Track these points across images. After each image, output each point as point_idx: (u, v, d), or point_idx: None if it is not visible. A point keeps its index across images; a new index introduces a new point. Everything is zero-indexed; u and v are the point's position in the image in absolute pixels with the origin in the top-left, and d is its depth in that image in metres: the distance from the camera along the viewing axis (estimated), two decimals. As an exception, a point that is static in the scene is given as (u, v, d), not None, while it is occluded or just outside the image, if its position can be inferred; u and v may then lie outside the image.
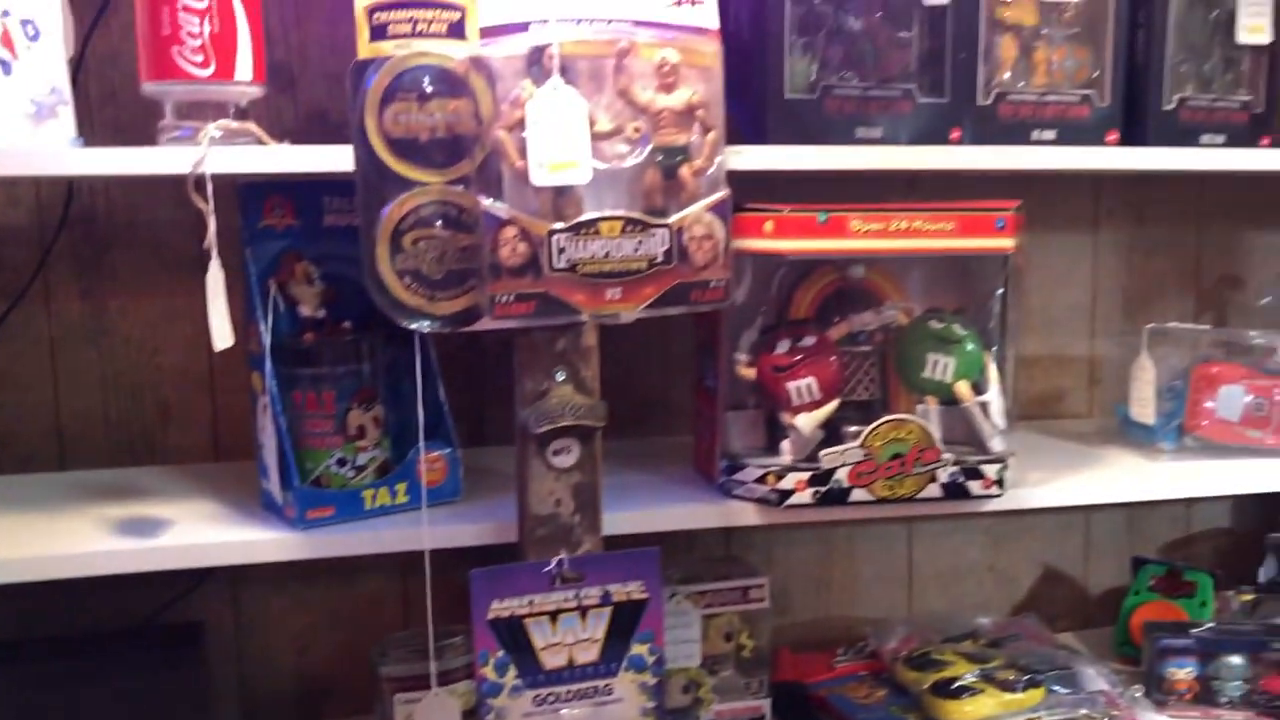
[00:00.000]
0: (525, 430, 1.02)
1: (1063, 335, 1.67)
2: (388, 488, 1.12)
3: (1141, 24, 1.32)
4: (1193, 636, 1.37)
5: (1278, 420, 1.36)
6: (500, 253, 0.95)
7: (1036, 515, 1.70)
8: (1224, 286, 1.72)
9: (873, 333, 1.27)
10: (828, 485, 1.16)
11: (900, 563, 1.66)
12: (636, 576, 1.06)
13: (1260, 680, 1.35)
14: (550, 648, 1.04)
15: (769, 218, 1.12)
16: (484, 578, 1.02)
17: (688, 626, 1.33)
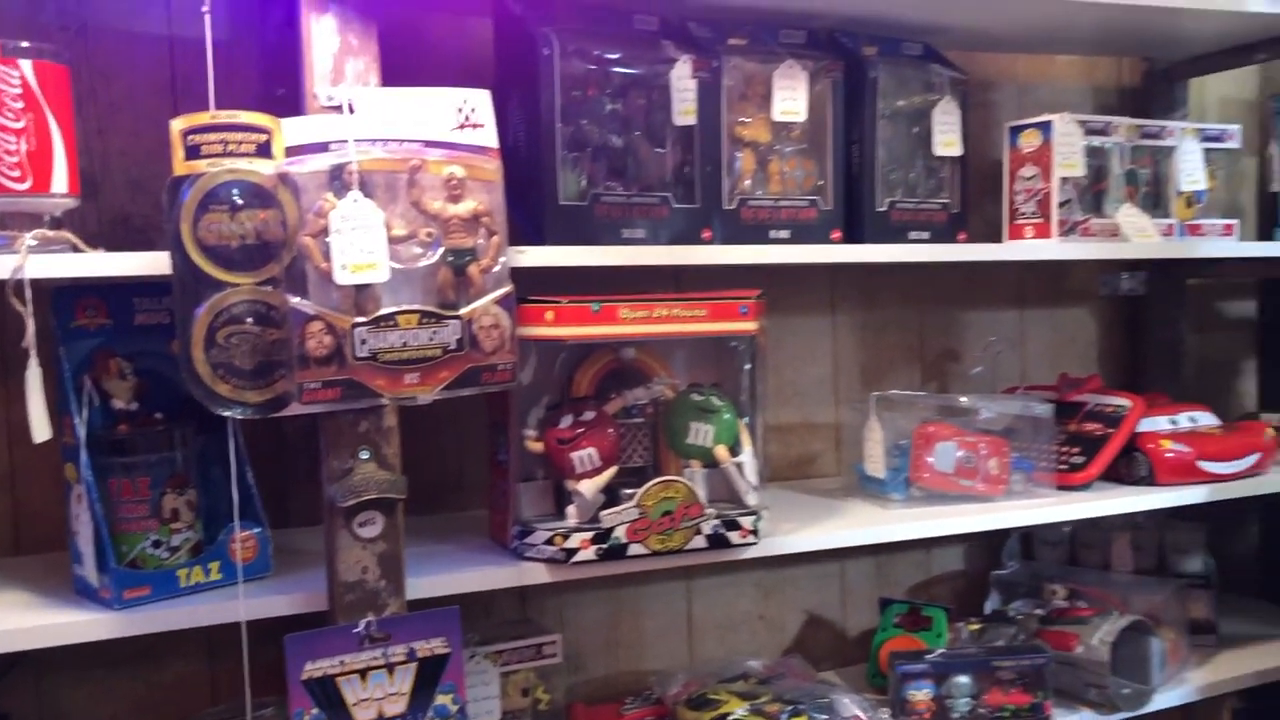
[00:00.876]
0: (333, 505, 1.13)
1: (811, 405, 1.90)
2: (201, 566, 1.19)
3: (855, 140, 1.57)
4: (927, 662, 1.58)
5: (984, 470, 1.61)
6: (307, 345, 1.06)
7: (799, 567, 1.90)
8: (944, 359, 2.00)
9: (644, 406, 1.44)
10: (608, 542, 1.31)
11: (681, 617, 1.82)
12: (439, 633, 1.17)
13: (984, 695, 1.57)
14: (361, 703, 1.14)
15: (550, 308, 1.28)
16: (298, 641, 1.11)
17: (487, 684, 1.44)
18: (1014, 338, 2.04)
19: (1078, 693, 1.64)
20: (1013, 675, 1.57)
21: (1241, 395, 2.28)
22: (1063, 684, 1.64)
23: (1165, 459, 1.69)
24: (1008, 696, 1.57)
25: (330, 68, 1.14)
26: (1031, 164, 1.68)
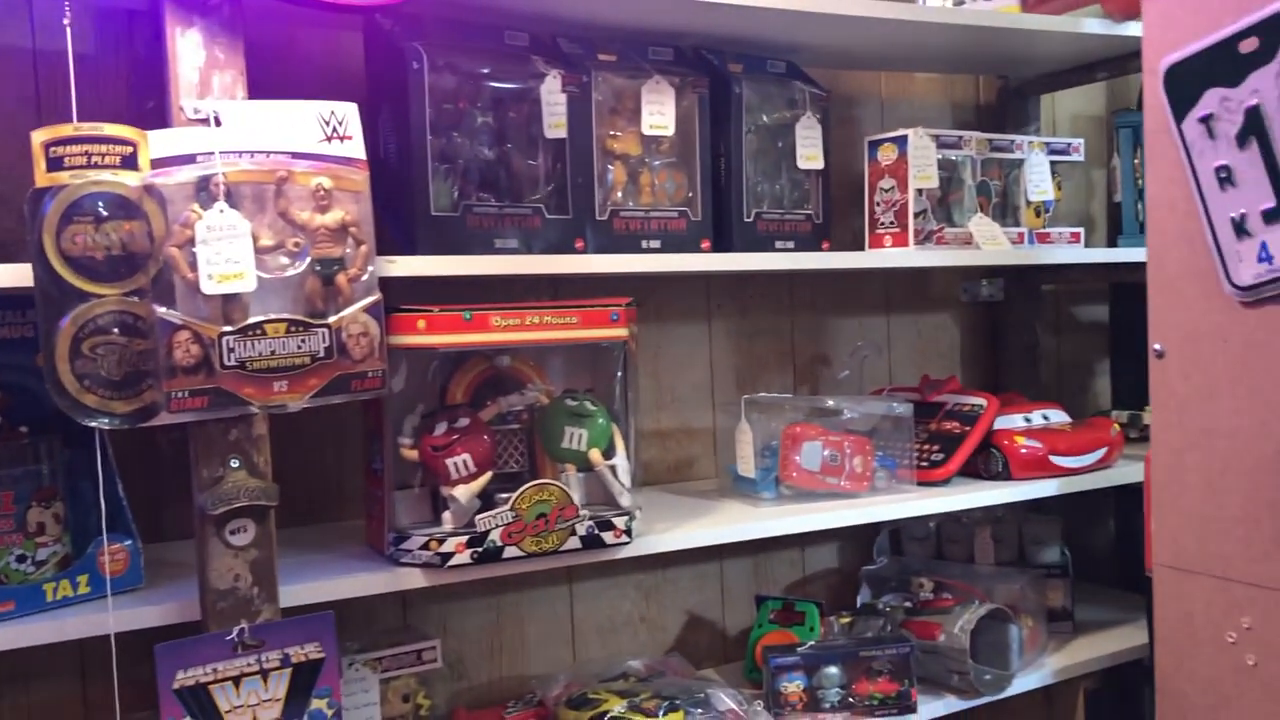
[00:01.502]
0: (203, 513, 1.14)
1: (689, 410, 1.95)
2: (69, 580, 1.19)
3: (722, 153, 1.64)
4: (798, 654, 1.64)
5: (849, 468, 1.68)
6: (175, 354, 1.07)
7: (679, 567, 1.95)
8: (815, 363, 2.07)
9: (519, 413, 1.47)
10: (484, 545, 1.34)
11: (563, 621, 1.85)
12: (313, 638, 1.19)
13: (854, 685, 1.64)
14: (235, 710, 1.15)
15: (422, 317, 1.30)
16: (168, 650, 1.11)
17: (367, 691, 1.46)
18: (881, 342, 2.13)
19: (942, 679, 1.72)
20: (880, 665, 1.64)
21: (1095, 394, 2.41)
22: (928, 671, 1.72)
23: (1019, 454, 1.79)
24: (875, 685, 1.64)
25: (196, 81, 1.15)
26: (889, 176, 1.76)
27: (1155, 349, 1.32)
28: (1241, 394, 1.21)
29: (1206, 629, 1.22)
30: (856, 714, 1.64)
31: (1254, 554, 1.18)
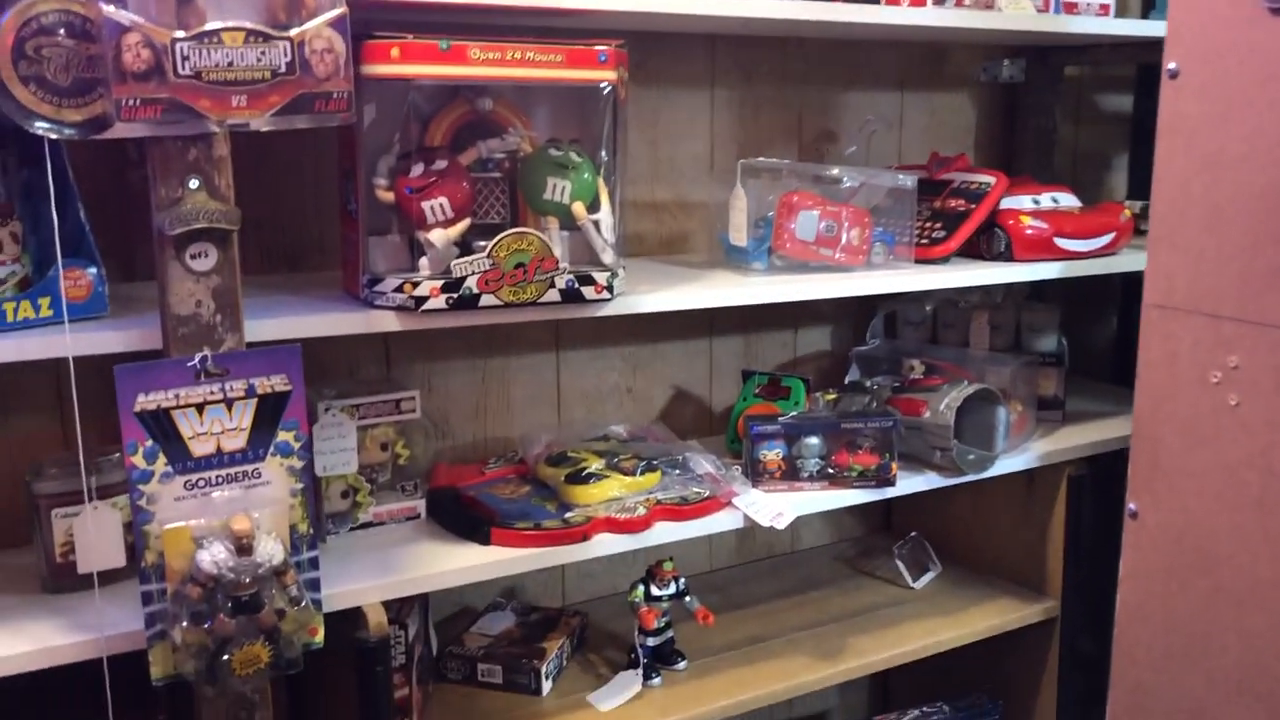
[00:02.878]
0: (161, 234, 1.09)
1: (686, 183, 1.89)
2: (30, 301, 1.16)
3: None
4: (779, 423, 1.63)
5: (845, 240, 1.63)
6: (124, 58, 1.01)
7: (668, 342, 1.93)
8: (821, 139, 1.99)
9: (501, 160, 1.41)
10: (460, 292, 1.30)
11: (549, 388, 1.84)
12: (279, 370, 1.17)
13: (833, 456, 1.63)
14: (198, 437, 1.14)
15: (395, 44, 1.23)
16: (128, 373, 1.09)
17: (343, 437, 1.45)
18: (892, 120, 2.04)
19: (924, 456, 1.72)
20: (861, 438, 1.63)
21: (1111, 188, 2.33)
22: (910, 448, 1.72)
23: (1024, 235, 1.73)
24: (856, 458, 1.63)
25: None
26: (910, -72, 1.64)
27: (1169, 69, 1.23)
28: (1257, 115, 1.13)
29: (1191, 370, 1.18)
30: (835, 484, 1.64)
31: (1249, 289, 1.13)
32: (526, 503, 1.53)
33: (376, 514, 1.49)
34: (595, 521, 1.47)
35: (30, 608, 1.25)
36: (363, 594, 1.32)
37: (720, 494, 1.57)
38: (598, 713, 1.55)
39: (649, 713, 1.55)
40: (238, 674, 1.14)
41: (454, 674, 1.63)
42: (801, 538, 2.15)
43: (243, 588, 1.12)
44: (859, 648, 1.73)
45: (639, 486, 1.54)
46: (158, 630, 1.14)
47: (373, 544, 1.45)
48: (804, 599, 1.91)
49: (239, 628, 1.13)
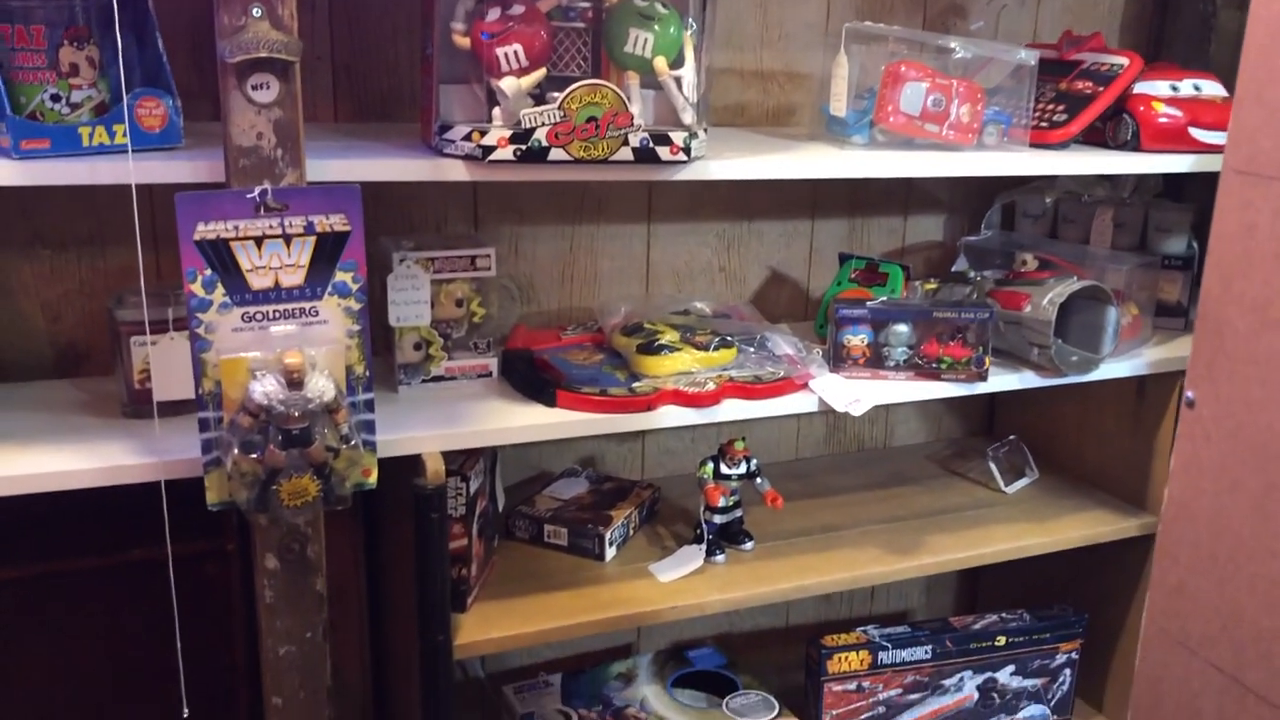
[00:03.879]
0: (223, 62, 1.09)
1: (796, 51, 1.80)
2: (104, 127, 1.17)
3: None
4: (867, 308, 1.56)
5: (955, 117, 1.52)
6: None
7: (768, 222, 1.86)
8: (949, 13, 1.86)
9: (584, 10, 1.36)
10: (528, 144, 1.27)
11: (638, 261, 1.80)
12: (339, 210, 1.16)
13: (922, 345, 1.56)
14: (256, 270, 1.14)
15: (471, -121, 1.18)
16: (189, 200, 1.10)
17: (417, 289, 1.45)
18: (1027, -4, 1.89)
19: (1022, 353, 1.62)
20: (953, 328, 1.55)
21: (1274, 84, 2.12)
22: (1009, 344, 1.63)
23: (1154, 123, 1.59)
24: (946, 349, 1.56)
25: None
26: None
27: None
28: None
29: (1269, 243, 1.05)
30: (921, 375, 1.56)
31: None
32: (597, 369, 1.51)
33: (449, 369, 1.50)
34: (662, 393, 1.44)
35: (107, 430, 1.30)
36: (423, 442, 1.33)
37: (797, 376, 1.52)
38: (657, 583, 1.54)
39: (709, 588, 1.54)
40: (286, 504, 1.17)
41: (521, 533, 1.65)
42: (895, 434, 2.08)
43: (293, 421, 1.14)
44: (936, 545, 1.67)
45: (712, 362, 1.50)
46: (213, 457, 1.17)
47: (441, 397, 1.46)
48: (887, 494, 1.86)
49: (289, 460, 1.15)
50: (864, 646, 1.71)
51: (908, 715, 1.76)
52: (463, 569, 1.45)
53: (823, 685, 1.70)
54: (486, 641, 1.42)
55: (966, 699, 1.78)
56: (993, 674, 1.78)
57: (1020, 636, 1.77)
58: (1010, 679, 1.79)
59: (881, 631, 1.74)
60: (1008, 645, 1.77)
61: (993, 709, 1.80)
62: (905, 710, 1.75)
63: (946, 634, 1.75)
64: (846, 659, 1.70)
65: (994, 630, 1.76)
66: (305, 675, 1.28)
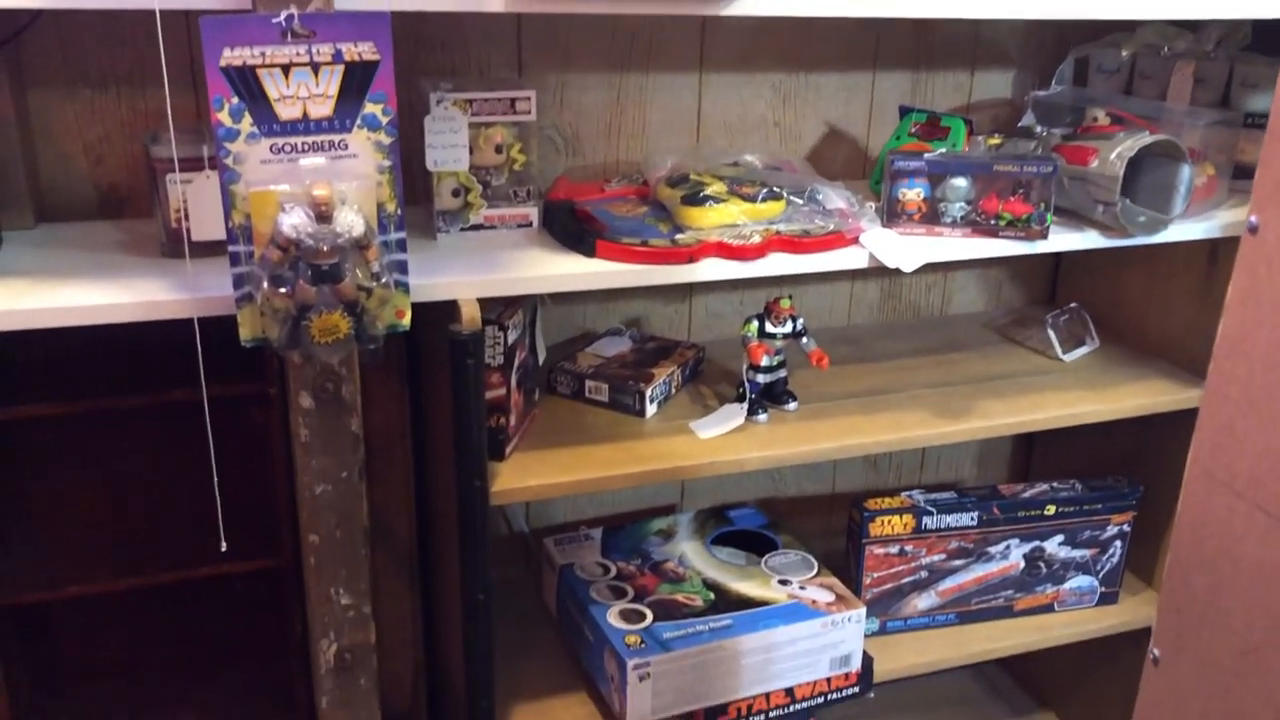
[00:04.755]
0: (245, -125, 1.04)
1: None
2: (130, -50, 1.14)
3: None
4: (924, 159, 1.49)
5: (1025, -46, 1.42)
6: None
7: (824, 76, 1.78)
8: None
9: None
10: (567, -27, 1.21)
11: (688, 113, 1.74)
12: (367, 37, 1.12)
13: (981, 201, 1.49)
14: (284, 100, 1.11)
15: None
16: (214, 24, 1.07)
17: (455, 132, 1.41)
18: None
19: (1087, 211, 1.55)
20: (1014, 183, 1.48)
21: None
22: (1073, 202, 1.55)
23: (1245, -37, 1.47)
24: (1006, 205, 1.49)
25: None
26: None
27: None
28: None
29: None
30: (979, 233, 1.50)
31: None
32: (640, 221, 1.47)
33: (487, 216, 1.46)
34: (705, 245, 1.40)
35: (145, 269, 1.30)
36: (459, 288, 1.31)
37: (847, 230, 1.47)
38: (697, 440, 1.53)
39: (749, 445, 1.52)
40: (317, 341, 1.16)
41: (562, 389, 1.63)
42: (952, 302, 2.02)
43: (322, 255, 1.12)
44: (987, 410, 1.63)
45: (759, 214, 1.45)
46: (245, 292, 1.16)
47: (479, 245, 1.43)
48: (940, 359, 1.81)
49: (319, 296, 1.14)
50: (908, 510, 1.68)
51: (950, 581, 1.74)
52: (501, 418, 1.44)
53: (864, 548, 1.68)
54: (524, 489, 1.42)
55: (1012, 567, 1.76)
56: (1040, 543, 1.75)
57: (1071, 506, 1.74)
58: (1058, 549, 1.76)
59: (927, 496, 1.72)
60: (1057, 514, 1.73)
61: (1038, 578, 1.78)
62: (948, 576, 1.73)
63: (994, 501, 1.72)
64: (889, 522, 1.68)
65: (1043, 499, 1.73)
66: (341, 515, 1.29)
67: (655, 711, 1.51)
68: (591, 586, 1.63)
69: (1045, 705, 2.18)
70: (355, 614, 1.33)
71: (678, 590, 1.62)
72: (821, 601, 1.59)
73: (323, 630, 1.33)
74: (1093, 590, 1.81)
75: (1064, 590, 1.80)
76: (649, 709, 1.50)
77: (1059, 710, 2.15)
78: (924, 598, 1.74)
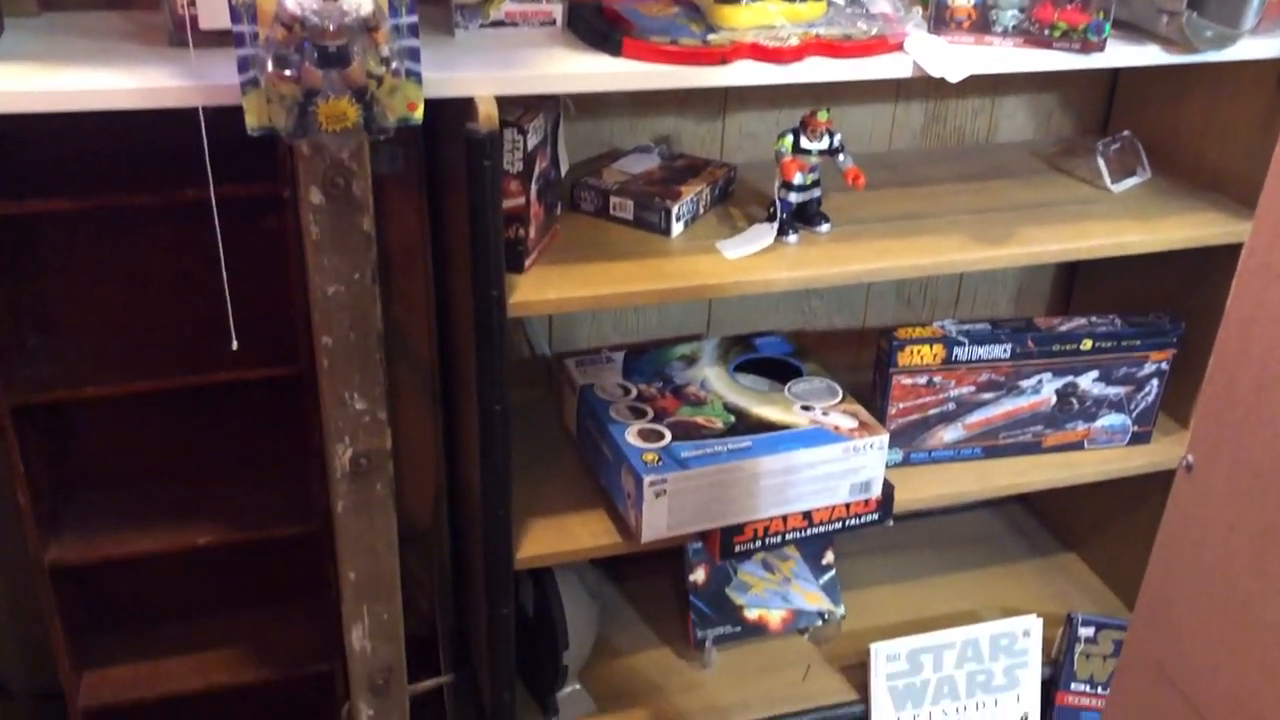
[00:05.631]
0: None
1: None
2: None
3: None
4: (977, -39, 1.39)
5: None
6: None
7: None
8: None
9: None
10: None
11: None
12: None
13: (1035, 9, 1.39)
14: None
15: None
16: None
17: (475, -81, 1.33)
18: None
19: (1149, 25, 1.44)
20: (1073, -12, 1.38)
21: None
22: (1134, 14, 1.45)
23: None
24: (1061, 13, 1.39)
25: None
26: None
27: None
28: None
29: None
30: (1031, 43, 1.41)
31: None
32: (670, 20, 1.39)
33: (509, 13, 1.39)
34: (739, 46, 1.32)
35: (152, 57, 1.24)
36: (476, 84, 1.25)
37: (891, 36, 1.38)
38: (724, 259, 1.47)
39: (777, 266, 1.47)
40: (324, 128, 1.10)
41: (586, 205, 1.58)
42: (1000, 129, 1.93)
43: (328, 36, 1.06)
44: (1027, 236, 1.56)
45: (798, 16, 1.37)
46: (250, 76, 1.10)
47: (499, 42, 1.36)
48: (982, 186, 1.73)
49: (326, 80, 1.08)
50: (939, 340, 1.64)
51: (978, 415, 1.70)
52: (519, 229, 1.39)
53: (891, 378, 1.64)
54: (542, 302, 1.38)
55: (1043, 402, 1.71)
56: (1074, 378, 1.70)
57: (1108, 342, 1.68)
58: (1092, 385, 1.71)
59: (959, 326, 1.67)
60: (1094, 350, 1.68)
61: (1070, 414, 1.74)
62: (976, 409, 1.70)
63: (1029, 333, 1.66)
64: (919, 352, 1.63)
65: (1080, 333, 1.67)
66: (355, 316, 1.26)
67: (671, 529, 1.50)
68: (611, 406, 1.60)
69: (1068, 546, 2.16)
70: (370, 419, 1.31)
71: (698, 413, 1.60)
72: (844, 427, 1.56)
73: (337, 434, 1.31)
74: (1125, 429, 1.77)
75: (1095, 428, 1.76)
76: (665, 526, 1.49)
77: (1081, 551, 2.14)
78: (950, 430, 1.71)
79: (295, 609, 1.77)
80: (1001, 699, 1.82)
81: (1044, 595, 2.04)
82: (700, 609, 1.85)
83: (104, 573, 1.67)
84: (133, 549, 1.54)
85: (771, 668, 1.87)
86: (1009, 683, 1.82)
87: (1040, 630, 1.84)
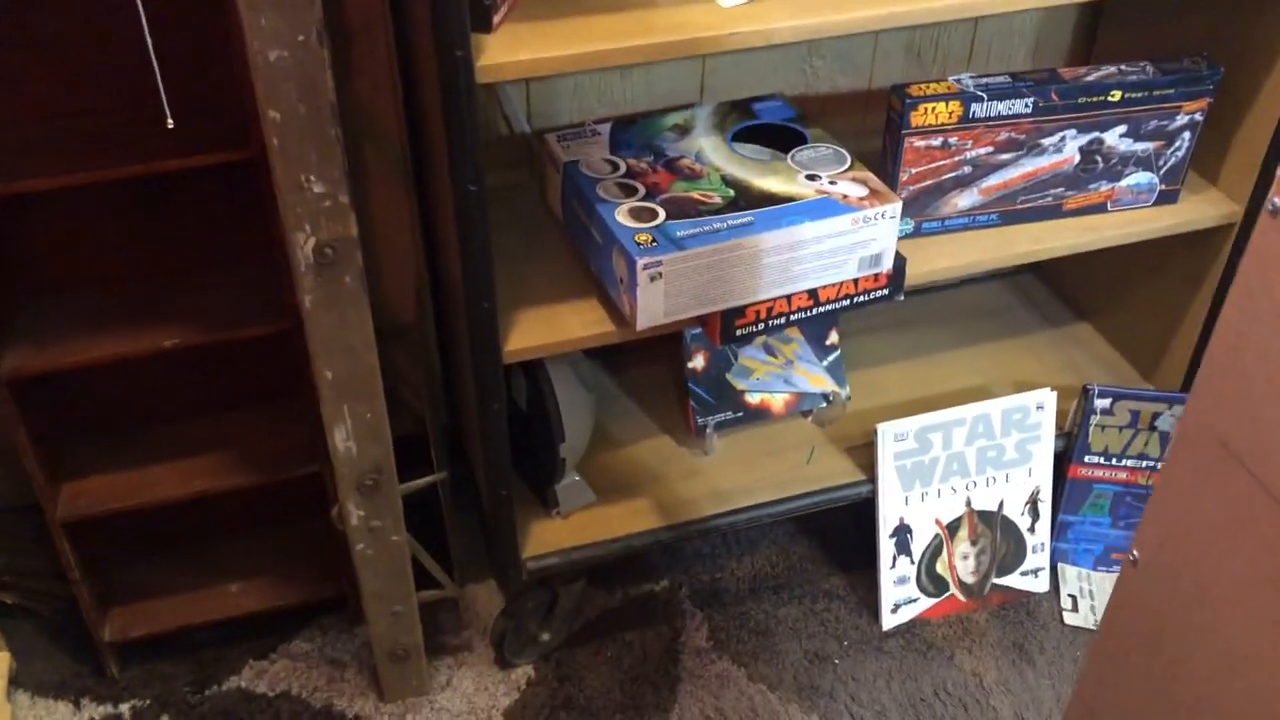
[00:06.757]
0: None
1: None
2: None
3: None
4: None
5: None
6: None
7: None
8: None
9: None
10: None
11: None
12: None
13: None
14: None
15: None
16: None
17: None
18: None
19: None
20: None
21: None
22: None
23: None
24: None
25: None
26: None
27: None
28: None
29: None
30: None
31: None
32: None
33: None
34: None
35: None
36: None
37: None
38: (717, 9, 1.31)
39: (779, 14, 1.30)
40: None
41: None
42: None
43: None
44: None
45: None
46: None
47: None
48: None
49: None
50: (955, 97, 1.49)
51: (996, 177, 1.58)
52: (486, -18, 1.23)
53: (903, 139, 1.51)
54: (515, 64, 1.23)
55: (1065, 161, 1.58)
56: (1099, 134, 1.56)
57: (1139, 92, 1.53)
58: (1119, 141, 1.58)
59: (977, 80, 1.52)
60: (1122, 101, 1.53)
61: (1093, 174, 1.61)
62: (994, 171, 1.57)
63: (1053, 85, 1.52)
64: (934, 110, 1.49)
65: (1109, 83, 1.52)
66: (302, 86, 1.11)
67: (668, 314, 1.40)
68: (598, 184, 1.47)
69: (1082, 315, 2.08)
70: (331, 204, 1.19)
71: (694, 188, 1.47)
72: (853, 196, 1.44)
73: (296, 222, 1.19)
74: (1151, 188, 1.64)
75: (1120, 187, 1.63)
76: (661, 311, 1.39)
77: (1096, 321, 2.06)
78: (965, 196, 1.58)
79: (279, 411, 1.69)
80: (1013, 474, 1.77)
81: (1056, 367, 1.97)
82: (700, 396, 1.77)
83: (71, 381, 1.59)
84: (95, 354, 1.44)
85: (775, 451, 1.81)
86: (1021, 458, 1.77)
87: (1054, 403, 1.77)
